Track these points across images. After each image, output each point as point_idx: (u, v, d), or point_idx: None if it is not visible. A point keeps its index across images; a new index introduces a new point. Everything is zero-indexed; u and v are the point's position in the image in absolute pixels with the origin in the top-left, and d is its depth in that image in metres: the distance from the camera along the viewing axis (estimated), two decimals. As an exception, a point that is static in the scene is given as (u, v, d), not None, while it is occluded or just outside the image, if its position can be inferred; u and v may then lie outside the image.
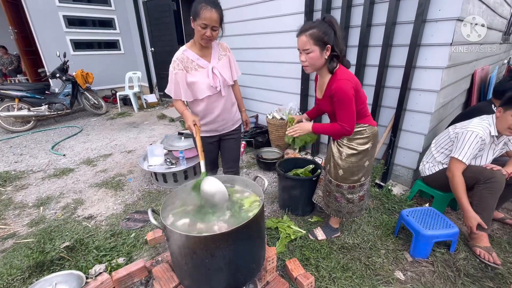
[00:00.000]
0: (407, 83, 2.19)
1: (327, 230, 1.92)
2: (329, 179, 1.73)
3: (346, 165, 1.60)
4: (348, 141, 1.57)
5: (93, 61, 6.12)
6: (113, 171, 3.07)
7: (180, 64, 1.54)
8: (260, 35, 3.42)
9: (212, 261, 1.09)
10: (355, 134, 1.54)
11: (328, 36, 1.32)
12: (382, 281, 1.58)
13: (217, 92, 1.64)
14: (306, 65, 1.41)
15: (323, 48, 1.35)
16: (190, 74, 1.56)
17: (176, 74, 1.55)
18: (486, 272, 1.63)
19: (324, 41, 1.33)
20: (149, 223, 2.12)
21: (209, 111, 1.68)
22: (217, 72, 1.60)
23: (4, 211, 2.36)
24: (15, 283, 1.59)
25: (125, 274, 1.48)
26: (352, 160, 1.58)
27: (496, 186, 1.68)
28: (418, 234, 1.69)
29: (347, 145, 1.58)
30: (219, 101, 1.68)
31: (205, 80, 1.58)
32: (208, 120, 1.71)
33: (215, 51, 1.64)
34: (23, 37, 6.13)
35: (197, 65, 1.57)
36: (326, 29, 1.32)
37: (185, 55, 1.56)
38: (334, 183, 1.69)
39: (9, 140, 4.13)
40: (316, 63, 1.39)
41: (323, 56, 1.37)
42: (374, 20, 2.32)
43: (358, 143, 1.55)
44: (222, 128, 1.79)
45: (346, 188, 1.66)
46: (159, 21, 5.58)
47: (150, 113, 5.62)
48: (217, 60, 1.63)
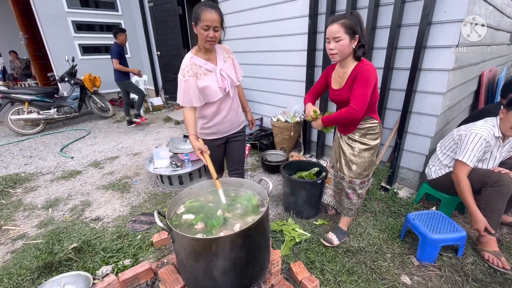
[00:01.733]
0: (412, 85, 2.17)
1: (338, 234, 1.91)
2: (341, 176, 1.77)
3: (359, 161, 1.66)
4: (361, 136, 1.64)
5: (100, 65, 6.22)
6: (119, 174, 3.11)
7: (190, 71, 1.55)
8: (264, 38, 3.44)
9: (217, 263, 1.10)
10: (367, 130, 1.62)
11: (357, 27, 1.41)
12: (388, 285, 1.56)
13: (226, 94, 1.67)
14: (335, 52, 1.45)
15: (352, 37, 1.42)
16: (200, 80, 1.58)
17: (187, 81, 1.55)
18: (495, 277, 1.60)
19: (354, 30, 1.41)
20: (155, 225, 2.14)
21: (218, 112, 1.71)
22: (224, 74, 1.63)
23: (14, 213, 2.41)
24: (25, 283, 1.62)
25: (131, 275, 1.50)
26: (365, 155, 1.65)
27: (504, 189, 1.65)
28: (425, 238, 1.67)
29: (359, 141, 1.64)
30: (227, 102, 1.71)
31: (215, 83, 1.60)
32: (216, 122, 1.73)
33: (219, 54, 1.67)
34: (33, 42, 6.29)
35: (205, 69, 1.60)
36: (355, 20, 1.41)
37: (192, 61, 1.58)
38: (347, 179, 1.74)
39: (19, 143, 4.23)
40: (345, 50, 1.44)
41: (352, 45, 1.44)
42: (379, 23, 2.32)
43: (370, 139, 1.63)
44: (229, 129, 1.81)
45: (358, 184, 1.73)
46: (165, 25, 5.66)
47: (156, 116, 5.68)
48: (222, 62, 1.66)
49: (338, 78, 1.60)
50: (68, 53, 5.30)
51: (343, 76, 1.56)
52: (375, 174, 2.56)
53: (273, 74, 3.51)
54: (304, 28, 2.87)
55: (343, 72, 1.56)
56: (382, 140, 1.70)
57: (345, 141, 1.70)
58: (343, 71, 1.56)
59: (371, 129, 1.61)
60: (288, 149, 3.32)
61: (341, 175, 1.77)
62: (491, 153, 1.82)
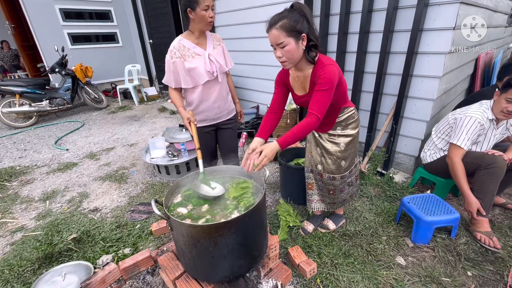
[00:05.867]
0: (409, 70, 2.16)
1: (335, 219, 1.93)
2: (331, 177, 1.64)
3: (347, 154, 1.57)
4: (343, 129, 1.53)
5: (91, 55, 6.07)
6: (116, 165, 3.10)
7: (178, 52, 1.59)
8: (260, 24, 3.35)
9: (216, 249, 1.12)
10: (348, 120, 1.51)
11: (300, 24, 1.19)
12: (383, 266, 1.61)
13: (213, 78, 1.69)
14: (284, 60, 1.26)
15: (298, 38, 1.21)
16: (187, 61, 1.61)
17: (174, 62, 1.60)
18: (487, 256, 1.65)
19: (297, 29, 1.19)
20: (153, 215, 2.15)
21: (205, 98, 1.73)
22: (213, 59, 1.66)
23: (11, 205, 2.40)
24: (26, 274, 1.64)
25: (131, 263, 1.52)
26: (351, 146, 1.57)
27: (497, 171, 1.68)
28: (419, 220, 1.70)
29: (343, 135, 1.54)
30: (215, 88, 1.73)
31: (202, 66, 1.63)
32: (204, 107, 1.76)
33: (209, 41, 1.70)
34: (20, 32, 6.08)
35: (193, 52, 1.63)
36: (297, 17, 1.19)
37: (181, 44, 1.61)
38: (338, 177, 1.63)
39: (12, 136, 4.17)
40: (294, 55, 1.24)
41: (300, 47, 1.23)
42: (375, 5, 2.27)
43: (352, 128, 1.54)
44: (218, 116, 1.83)
45: (348, 175, 1.66)
46: (157, 11, 5.49)
47: (150, 106, 5.61)
48: (212, 48, 1.69)
49: (298, 83, 1.43)
50: (57, 43, 5.14)
51: (304, 80, 1.39)
52: (371, 159, 2.59)
53: (268, 61, 3.45)
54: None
55: (302, 75, 1.38)
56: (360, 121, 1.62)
57: (327, 139, 1.57)
58: (302, 74, 1.38)
59: (350, 117, 1.51)
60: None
61: (330, 176, 1.63)
62: (485, 135, 1.83)
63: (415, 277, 1.53)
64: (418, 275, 1.54)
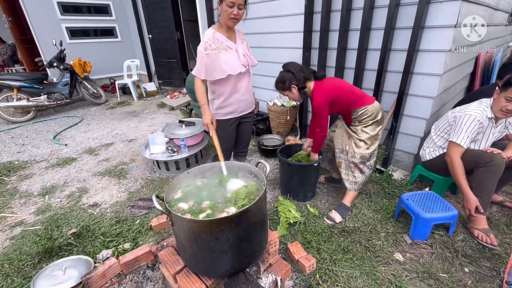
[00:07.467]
0: (409, 67, 2.16)
1: (341, 210, 2.00)
2: (352, 155, 1.93)
3: (365, 137, 1.86)
4: (360, 122, 1.85)
5: (90, 50, 6.01)
6: (115, 160, 3.09)
7: (213, 44, 1.60)
8: (260, 20, 3.34)
9: (216, 244, 1.12)
10: (361, 116, 1.82)
11: (288, 81, 1.78)
12: (381, 262, 1.62)
13: (245, 71, 1.74)
14: (293, 99, 1.91)
15: (290, 89, 1.81)
16: (222, 53, 1.62)
17: (208, 54, 1.59)
18: (484, 253, 1.67)
19: (286, 86, 1.80)
20: (153, 210, 2.15)
21: (236, 90, 1.77)
22: (244, 52, 1.71)
23: (10, 200, 2.40)
24: (26, 268, 1.64)
25: (132, 258, 1.53)
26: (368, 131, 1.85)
27: (495, 169, 1.69)
28: (418, 217, 1.72)
29: (360, 126, 1.86)
30: (244, 81, 1.78)
31: (236, 59, 1.67)
32: (234, 99, 1.79)
33: (238, 35, 1.73)
34: (17, 25, 6.00)
35: (226, 46, 1.65)
36: (284, 77, 1.80)
37: (215, 36, 1.62)
38: (358, 156, 1.89)
39: (10, 131, 4.14)
40: (295, 98, 1.87)
41: (294, 92, 1.83)
42: (377, 2, 2.26)
43: (369, 119, 1.83)
44: (244, 109, 1.89)
45: (368, 157, 1.90)
46: (156, 6, 5.43)
47: (149, 102, 5.59)
48: (240, 43, 1.73)
49: None
50: (55, 37, 5.08)
51: None
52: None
53: (269, 56, 3.43)
54: (301, 8, 2.78)
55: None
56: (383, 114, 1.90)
57: (351, 128, 1.92)
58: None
59: (363, 114, 1.81)
60: (284, 133, 3.32)
61: (352, 154, 1.92)
62: (484, 133, 1.84)
63: (413, 273, 1.55)
64: (416, 271, 1.56)
